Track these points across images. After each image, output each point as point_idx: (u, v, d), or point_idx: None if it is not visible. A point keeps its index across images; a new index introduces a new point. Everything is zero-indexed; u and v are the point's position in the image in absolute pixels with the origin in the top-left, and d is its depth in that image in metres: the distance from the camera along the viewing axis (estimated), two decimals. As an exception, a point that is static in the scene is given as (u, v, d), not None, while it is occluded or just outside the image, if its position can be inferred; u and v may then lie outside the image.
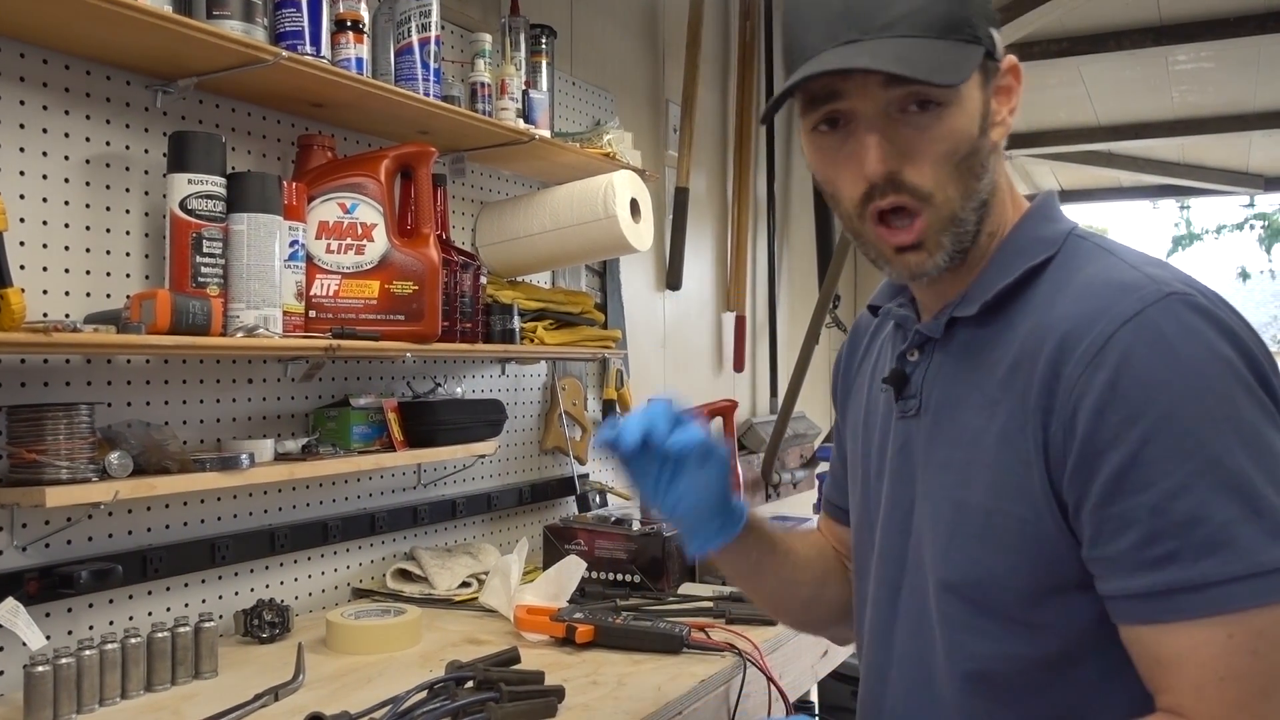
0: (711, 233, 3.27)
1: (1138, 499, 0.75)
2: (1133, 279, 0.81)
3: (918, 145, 0.84)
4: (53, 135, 1.40)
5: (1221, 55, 3.17)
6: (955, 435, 0.89)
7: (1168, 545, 0.74)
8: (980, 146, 0.86)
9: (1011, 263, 0.89)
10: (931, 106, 0.83)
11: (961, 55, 0.82)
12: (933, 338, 0.93)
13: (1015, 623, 0.84)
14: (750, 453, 3.34)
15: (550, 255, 2.13)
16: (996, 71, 0.89)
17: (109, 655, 1.29)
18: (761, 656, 1.48)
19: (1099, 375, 0.77)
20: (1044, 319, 0.83)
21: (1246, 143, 4.42)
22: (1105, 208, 10.10)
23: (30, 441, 1.27)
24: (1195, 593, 0.73)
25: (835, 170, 0.88)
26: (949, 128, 0.84)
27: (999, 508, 0.84)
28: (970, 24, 0.83)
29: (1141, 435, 0.75)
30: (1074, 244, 0.89)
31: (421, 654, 1.51)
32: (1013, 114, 0.91)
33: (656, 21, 2.92)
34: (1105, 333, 0.78)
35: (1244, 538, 0.73)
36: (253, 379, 1.68)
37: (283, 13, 1.51)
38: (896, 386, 0.96)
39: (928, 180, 0.84)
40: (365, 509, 1.88)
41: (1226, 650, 0.73)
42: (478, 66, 1.92)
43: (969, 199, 0.86)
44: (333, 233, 1.64)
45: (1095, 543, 0.78)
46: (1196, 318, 0.77)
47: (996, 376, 0.86)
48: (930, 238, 0.86)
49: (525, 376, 2.33)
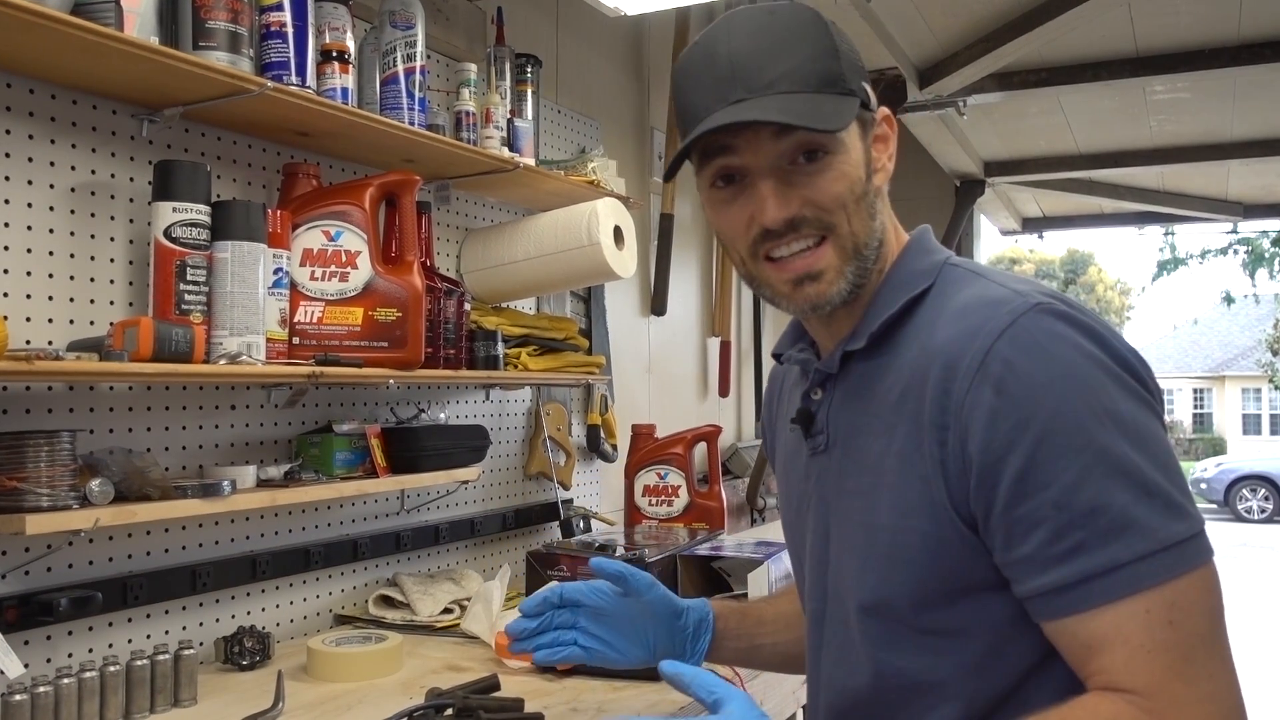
0: (696, 258, 3.30)
1: (1041, 497, 0.80)
2: (1000, 295, 0.87)
3: (815, 187, 0.90)
4: (38, 164, 1.41)
5: (1197, 86, 3.22)
6: (860, 463, 0.94)
7: (1076, 536, 0.79)
8: (869, 190, 0.93)
9: (894, 295, 0.95)
10: (819, 155, 0.90)
11: (840, 105, 0.90)
12: (830, 374, 0.99)
13: (933, 634, 0.89)
14: (735, 477, 3.35)
15: (534, 282, 2.15)
16: (872, 121, 0.96)
17: (87, 683, 1.29)
18: (742, 683, 1.49)
19: (985, 388, 0.83)
20: (927, 344, 0.89)
21: (1225, 171, 4.48)
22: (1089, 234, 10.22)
23: (11, 469, 1.27)
24: (1107, 576, 0.78)
25: (730, 221, 0.94)
26: (839, 172, 0.90)
27: (903, 525, 0.88)
28: (844, 79, 0.91)
29: (1034, 438, 0.80)
30: (948, 272, 0.95)
31: (402, 681, 1.51)
32: (891, 159, 0.98)
33: (641, 50, 2.96)
34: (983, 347, 0.84)
35: (1142, 518, 0.78)
36: (235, 405, 1.69)
37: (268, 44, 1.53)
38: (804, 425, 1.01)
39: (830, 217, 0.91)
40: (348, 535, 1.88)
41: (1146, 624, 0.78)
42: (463, 95, 1.94)
43: (870, 235, 0.93)
44: (317, 260, 1.65)
45: (1008, 546, 0.83)
46: (1061, 324, 0.84)
47: (890, 402, 0.91)
48: (833, 265, 0.92)
49: (509, 402, 2.34)
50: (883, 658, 0.92)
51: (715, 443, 2.63)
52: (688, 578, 1.91)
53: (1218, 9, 2.68)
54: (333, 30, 1.63)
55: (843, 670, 0.97)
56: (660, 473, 2.52)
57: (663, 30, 2.97)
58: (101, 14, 1.26)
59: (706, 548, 2.00)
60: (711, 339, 3.37)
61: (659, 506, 2.51)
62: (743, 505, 3.27)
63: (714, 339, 3.37)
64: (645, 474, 2.54)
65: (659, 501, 2.52)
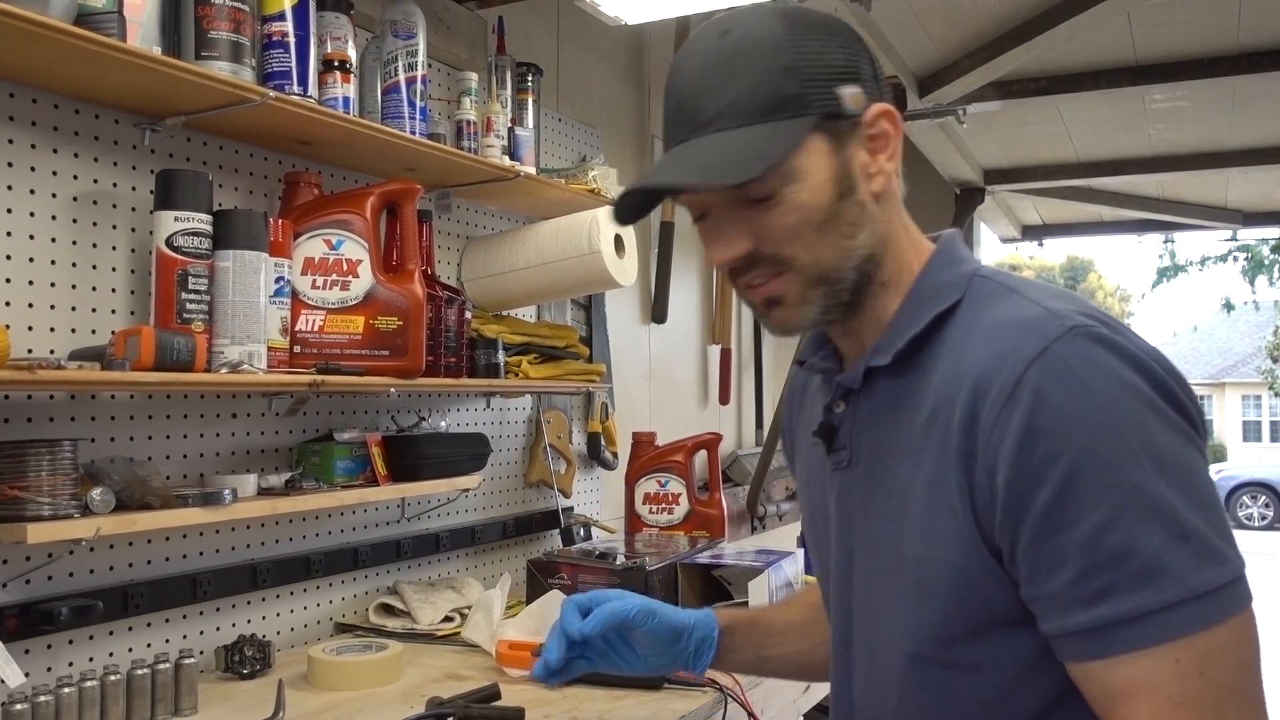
0: (697, 266, 3.30)
1: (1067, 536, 0.76)
2: (1034, 315, 0.82)
3: (766, 226, 0.87)
4: (41, 173, 1.41)
5: (1196, 95, 3.22)
6: (889, 484, 0.90)
7: (1103, 579, 0.75)
8: (841, 210, 0.87)
9: (919, 310, 0.89)
10: (762, 201, 0.86)
11: (779, 136, 0.84)
12: (853, 388, 0.94)
13: (958, 668, 0.85)
14: (736, 485, 3.34)
15: (535, 290, 2.15)
16: (855, 127, 0.88)
17: (88, 693, 1.29)
18: (743, 692, 1.49)
19: (1014, 417, 0.78)
20: (956, 365, 0.85)
21: (1224, 179, 4.49)
22: (1089, 242, 10.24)
23: (12, 478, 1.27)
24: (1137, 624, 0.74)
25: (709, 255, 0.93)
26: (790, 206, 0.86)
27: (930, 555, 0.85)
28: (797, 99, 0.84)
29: (1064, 473, 0.76)
30: (979, 285, 0.90)
31: (403, 690, 1.51)
32: (893, 159, 0.90)
33: (642, 58, 2.97)
34: (1014, 374, 0.79)
35: (1174, 564, 0.74)
36: (237, 414, 1.69)
37: (270, 53, 1.54)
38: (826, 439, 0.96)
39: (785, 251, 0.87)
40: (348, 543, 1.88)
41: (1175, 676, 0.74)
42: (464, 104, 1.95)
43: (844, 258, 0.88)
44: (318, 269, 1.66)
45: (1031, 582, 0.79)
46: (1100, 349, 0.79)
47: (917, 424, 0.87)
48: (793, 291, 0.89)
49: (510, 410, 2.34)
50: (909, 693, 0.89)
51: (716, 450, 2.63)
52: (688, 586, 1.91)
53: (1217, 18, 2.68)
54: (334, 40, 1.63)
55: (871, 697, 0.94)
56: (661, 480, 2.52)
57: (663, 38, 2.97)
58: (104, 24, 1.27)
59: (707, 556, 2.00)
60: (712, 346, 3.37)
61: (659, 514, 2.51)
62: (743, 513, 3.27)
63: (714, 347, 3.37)
64: (646, 482, 2.54)
65: (659, 509, 2.51)
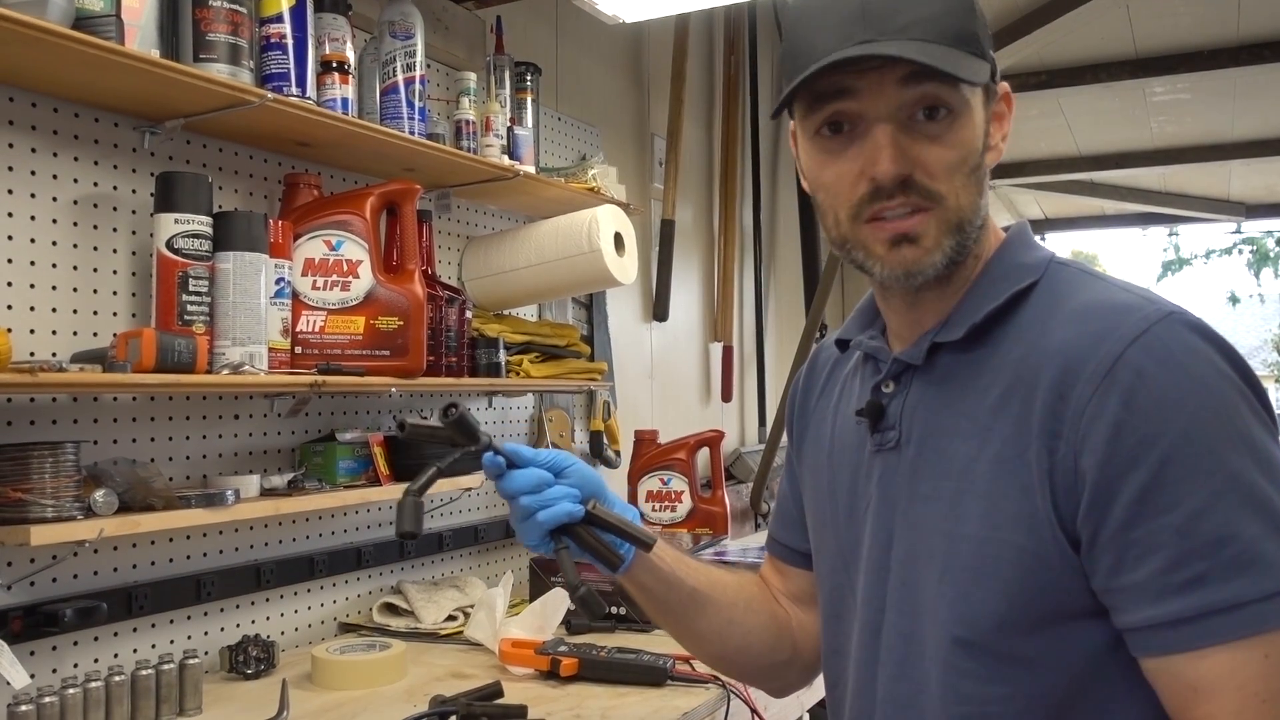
0: (698, 264, 3.30)
1: (1162, 520, 0.74)
2: (1129, 301, 0.81)
3: (930, 151, 0.83)
4: (41, 177, 1.42)
5: (1197, 87, 3.22)
6: (943, 466, 0.86)
7: (1197, 567, 0.73)
8: (981, 163, 0.86)
9: (996, 287, 0.87)
10: (941, 114, 0.83)
11: (974, 63, 0.83)
12: (912, 365, 0.90)
13: (1013, 660, 0.81)
14: (739, 482, 3.35)
15: (535, 289, 2.16)
16: (995, 95, 0.89)
17: (93, 694, 1.30)
18: (745, 688, 1.49)
19: (1111, 396, 0.76)
20: (1039, 343, 0.82)
21: (1226, 171, 4.48)
22: (1092, 235, 10.23)
23: (15, 480, 1.27)
24: (1229, 614, 0.72)
25: (836, 174, 0.86)
26: (958, 137, 0.84)
27: (994, 536, 0.81)
28: (978, 40, 0.84)
29: (1161, 456, 0.74)
30: (1057, 270, 0.88)
31: (406, 689, 1.51)
32: (1005, 140, 0.91)
33: (641, 56, 2.96)
34: (1113, 353, 0.77)
35: (1271, 555, 0.72)
36: (239, 415, 1.69)
37: (269, 55, 1.54)
38: (873, 419, 0.92)
39: (940, 184, 0.83)
40: (351, 543, 1.89)
41: (1265, 671, 0.72)
42: (462, 104, 1.95)
43: (976, 212, 0.86)
44: (318, 270, 1.66)
45: (1116, 571, 0.76)
46: (1196, 337, 0.78)
47: (987, 403, 0.84)
48: (931, 233, 0.84)
49: (512, 409, 2.34)
50: (954, 682, 0.83)
51: (718, 448, 2.63)
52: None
53: (1216, 10, 2.68)
54: (332, 41, 1.63)
55: (904, 687, 0.88)
56: (663, 478, 2.52)
57: (662, 37, 2.97)
58: (102, 28, 1.27)
59: (710, 553, 2.00)
60: (714, 344, 3.37)
61: (662, 512, 2.51)
62: (746, 510, 3.27)
63: (716, 344, 3.37)
64: (648, 480, 2.54)
65: (662, 507, 2.52)
